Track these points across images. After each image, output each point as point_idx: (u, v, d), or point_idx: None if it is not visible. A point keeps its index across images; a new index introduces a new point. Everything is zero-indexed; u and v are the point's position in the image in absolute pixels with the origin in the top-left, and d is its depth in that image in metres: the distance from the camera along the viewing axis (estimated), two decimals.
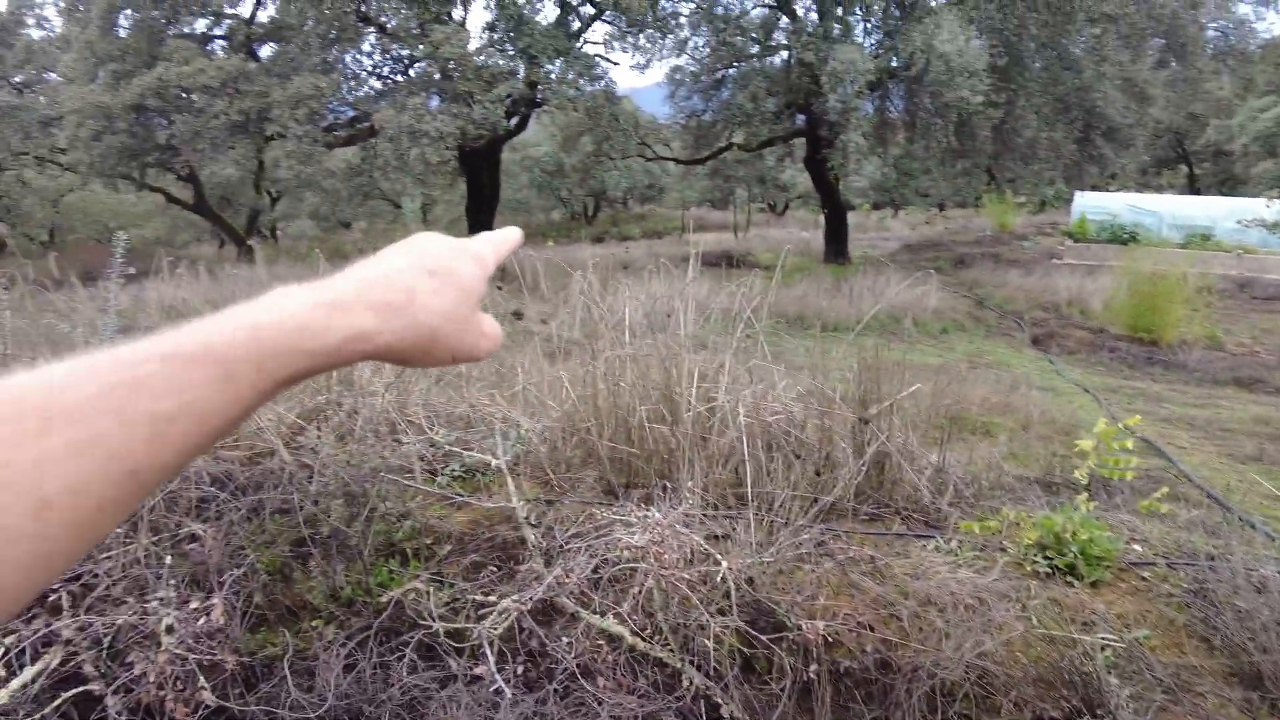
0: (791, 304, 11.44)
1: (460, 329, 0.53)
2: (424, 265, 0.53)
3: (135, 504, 0.39)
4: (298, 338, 0.44)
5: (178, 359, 0.40)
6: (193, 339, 0.41)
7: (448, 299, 0.52)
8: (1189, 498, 3.83)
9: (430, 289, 0.52)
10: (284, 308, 0.45)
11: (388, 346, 0.49)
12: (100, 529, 0.37)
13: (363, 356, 0.48)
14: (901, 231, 29.52)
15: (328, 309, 0.46)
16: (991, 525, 2.65)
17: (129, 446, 0.37)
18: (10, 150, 20.46)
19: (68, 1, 15.71)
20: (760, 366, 3.07)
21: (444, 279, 0.53)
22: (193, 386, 0.40)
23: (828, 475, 2.78)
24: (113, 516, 0.38)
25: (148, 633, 1.98)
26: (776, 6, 17.36)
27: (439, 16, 13.36)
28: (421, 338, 0.50)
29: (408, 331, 0.50)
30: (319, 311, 0.46)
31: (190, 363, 0.40)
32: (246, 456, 2.78)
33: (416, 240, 0.57)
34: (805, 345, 5.17)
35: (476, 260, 0.58)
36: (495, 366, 4.72)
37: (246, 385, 0.42)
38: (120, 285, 3.17)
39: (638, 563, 2.04)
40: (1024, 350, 10.32)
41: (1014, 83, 15.04)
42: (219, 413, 0.41)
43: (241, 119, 13.61)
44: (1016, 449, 4.84)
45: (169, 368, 0.39)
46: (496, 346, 0.58)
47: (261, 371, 0.42)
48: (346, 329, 0.46)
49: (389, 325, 0.48)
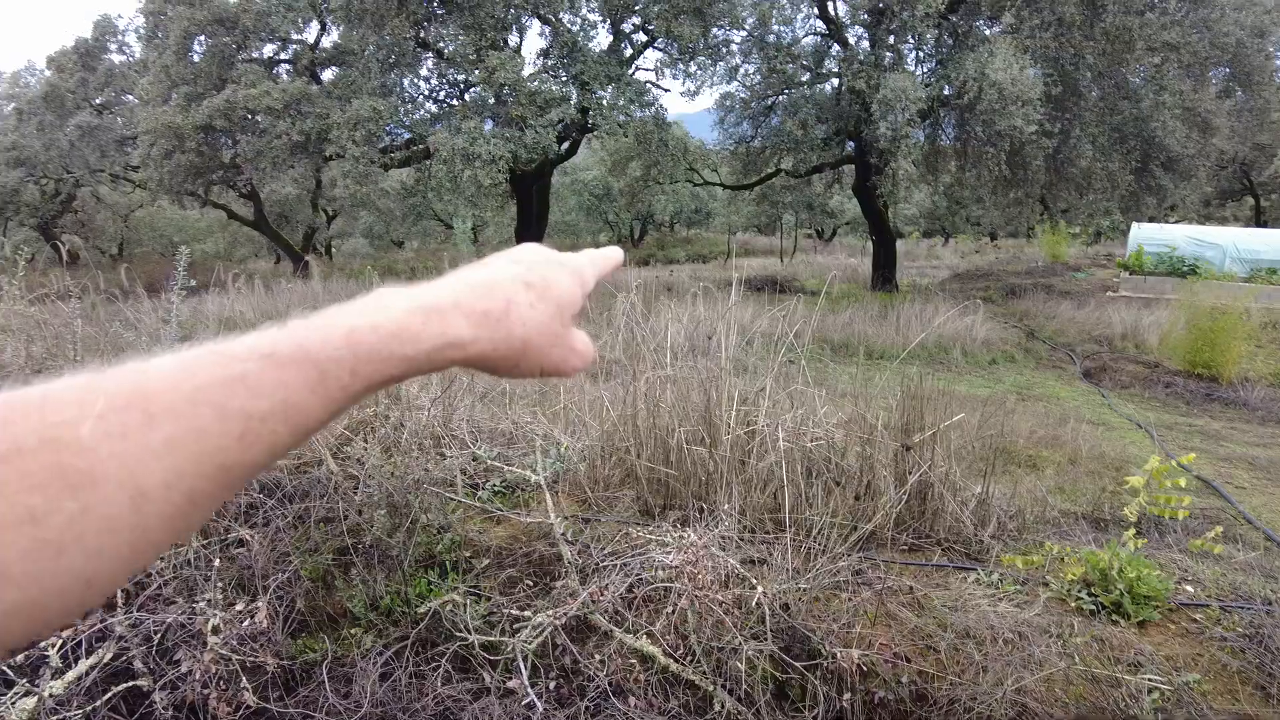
0: (837, 330, 11.35)
1: (551, 343, 0.53)
2: (523, 277, 0.52)
3: (223, 499, 0.40)
4: (392, 343, 0.44)
5: (275, 359, 0.40)
6: (290, 340, 0.42)
7: (543, 312, 0.52)
8: (1248, 540, 3.69)
9: (527, 301, 0.51)
10: (380, 312, 0.45)
11: (480, 355, 0.49)
12: (191, 522, 0.38)
13: (455, 364, 0.48)
14: (951, 260, 29.11)
15: (424, 315, 0.46)
16: (1034, 559, 2.59)
17: (223, 442, 0.38)
18: (88, 167, 21.46)
19: (148, 28, 16.46)
20: (802, 392, 3.06)
21: (541, 292, 0.52)
22: (287, 386, 0.40)
23: (868, 503, 2.75)
24: (203, 510, 0.38)
25: (195, 632, 2.04)
26: (828, 35, 17.39)
27: (495, 43, 13.68)
28: (513, 349, 0.50)
29: (501, 342, 0.49)
30: (415, 317, 0.46)
31: (287, 363, 0.41)
32: (295, 465, 2.86)
33: (519, 251, 0.57)
34: (849, 372, 5.12)
35: (575, 276, 0.57)
36: (538, 385, 4.78)
37: (338, 388, 0.42)
38: (182, 297, 3.31)
39: (672, 583, 2.04)
40: (1075, 383, 10.07)
41: (1069, 112, 14.80)
42: (310, 413, 0.41)
43: (302, 139, 14.07)
44: (1064, 483, 4.72)
45: (266, 367, 0.40)
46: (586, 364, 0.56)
47: (355, 375, 0.43)
48: (440, 336, 0.46)
49: (484, 334, 0.48)
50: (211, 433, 0.37)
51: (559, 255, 0.58)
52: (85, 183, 23.42)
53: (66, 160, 21.19)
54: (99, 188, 24.98)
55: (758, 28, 15.85)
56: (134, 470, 0.35)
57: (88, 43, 20.77)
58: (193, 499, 0.37)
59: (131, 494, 0.35)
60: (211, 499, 0.38)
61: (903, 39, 14.98)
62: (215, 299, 10.53)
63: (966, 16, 15.15)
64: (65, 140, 20.45)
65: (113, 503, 0.34)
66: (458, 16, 13.52)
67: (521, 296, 0.51)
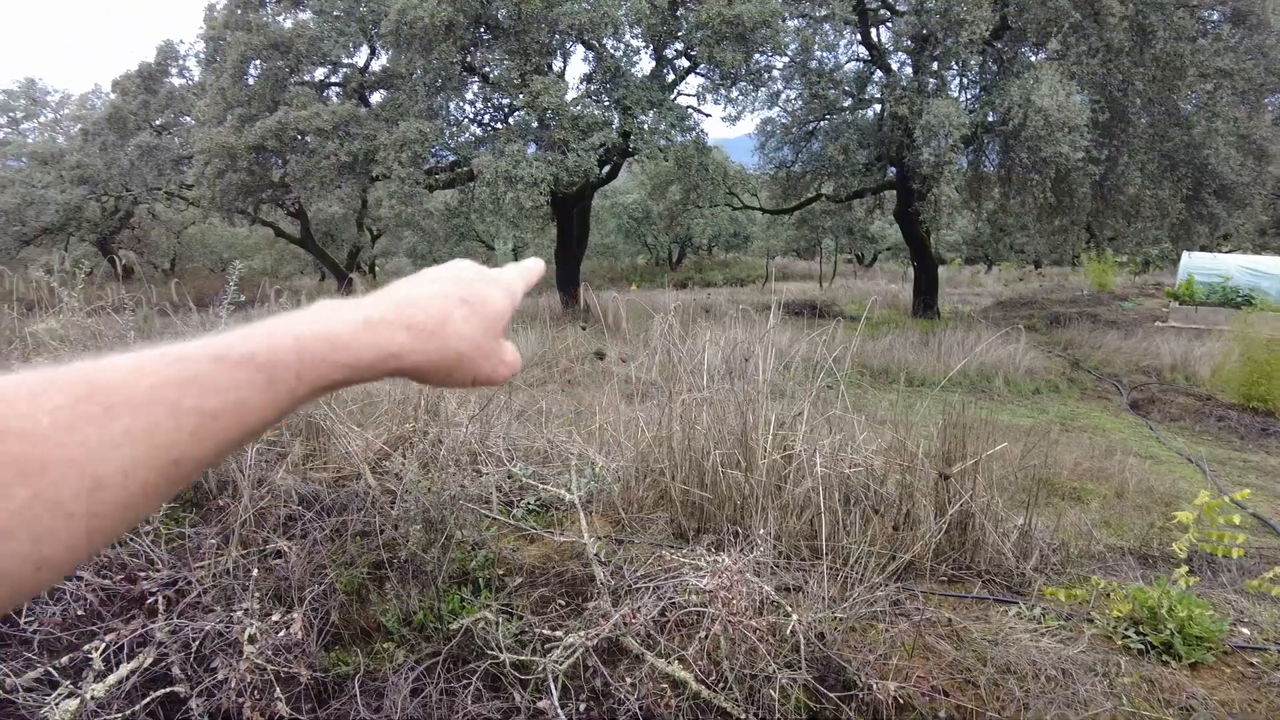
0: (876, 356, 11.22)
1: (484, 355, 0.56)
2: (459, 293, 0.56)
3: (173, 492, 0.42)
4: (337, 352, 0.47)
5: (227, 361, 0.43)
6: (241, 345, 0.45)
7: (477, 327, 0.55)
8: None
9: (462, 316, 0.55)
10: (326, 321, 0.48)
11: (416, 366, 0.51)
12: (140, 512, 0.40)
13: (393, 373, 0.51)
14: (994, 287, 28.67)
15: (367, 327, 0.49)
16: (1079, 594, 2.51)
17: (177, 437, 0.40)
18: (146, 186, 22.22)
19: (207, 52, 17.05)
20: (840, 417, 3.02)
21: (475, 307, 0.56)
22: (238, 387, 0.43)
23: (907, 532, 2.70)
24: (154, 501, 0.40)
25: (232, 641, 2.07)
26: (871, 61, 17.37)
27: (540, 68, 13.91)
28: (448, 360, 0.53)
29: (436, 353, 0.53)
30: (359, 329, 0.49)
31: (237, 365, 0.43)
32: (333, 479, 2.90)
33: (452, 267, 0.60)
34: (889, 398, 5.05)
35: (506, 291, 0.61)
36: (574, 404, 4.79)
37: (285, 390, 0.45)
38: (230, 312, 3.39)
39: (705, 608, 2.02)
40: (1121, 415, 9.81)
41: (1117, 138, 14.56)
42: (259, 413, 0.44)
43: (350, 160, 14.41)
44: (1109, 517, 4.58)
45: (219, 369, 0.43)
46: (513, 373, 0.60)
47: (300, 380, 0.46)
48: (382, 347, 0.49)
49: (421, 347, 0.52)
50: (166, 427, 0.40)
51: (490, 271, 0.62)
52: (143, 200, 24.25)
53: (126, 179, 21.98)
54: (155, 205, 25.86)
55: (800, 53, 15.89)
56: (92, 460, 0.37)
57: (150, 67, 21.58)
58: (146, 490, 0.39)
59: (88, 483, 0.37)
60: (162, 491, 0.41)
61: (946, 65, 14.89)
62: (261, 315, 10.77)
63: (1011, 43, 15.03)
64: (126, 159, 21.21)
65: (66, 490, 0.36)
66: (504, 42, 13.79)
67: (457, 311, 0.54)
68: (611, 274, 32.24)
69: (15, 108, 27.03)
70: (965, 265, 39.08)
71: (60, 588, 2.23)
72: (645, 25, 13.98)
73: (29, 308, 3.79)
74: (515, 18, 13.14)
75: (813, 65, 16.33)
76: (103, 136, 21.89)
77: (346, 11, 15.63)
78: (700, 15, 13.42)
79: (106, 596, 2.25)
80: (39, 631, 2.13)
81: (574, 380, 6.34)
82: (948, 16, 13.41)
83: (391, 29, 12.99)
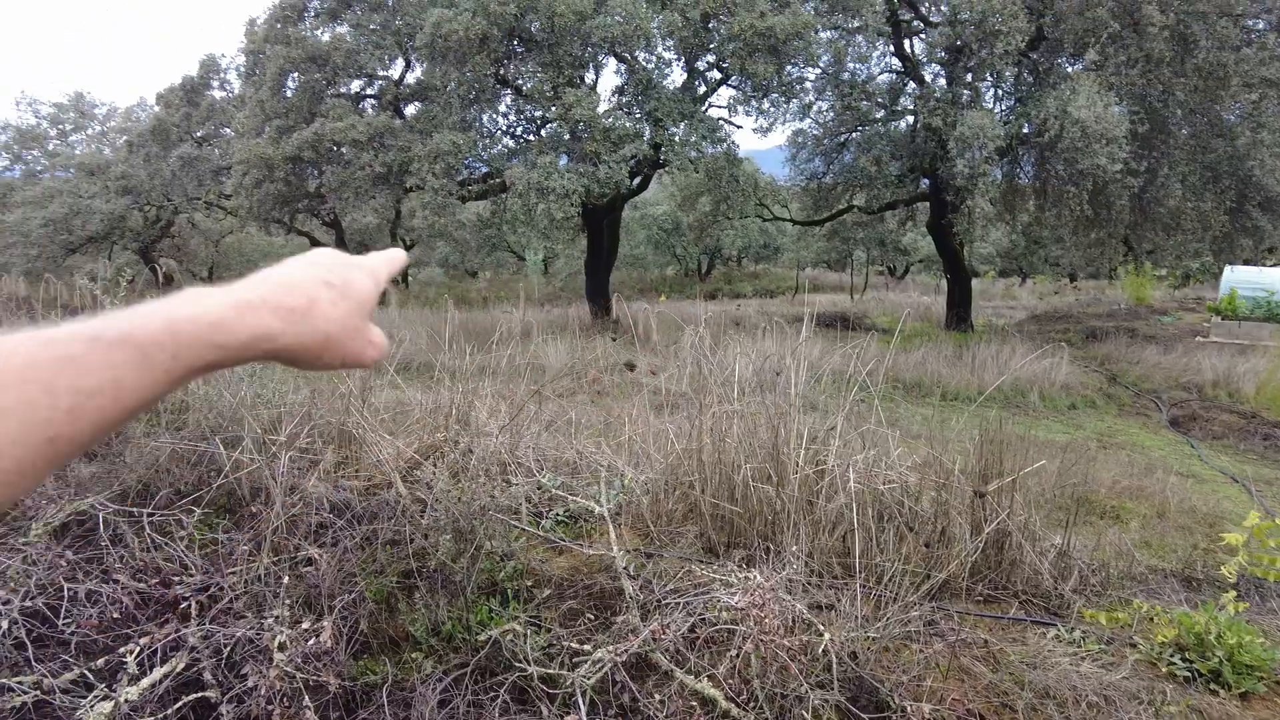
0: (909, 370, 11.09)
1: (351, 336, 0.58)
2: (323, 277, 0.57)
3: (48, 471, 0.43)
4: (210, 332, 0.48)
5: (101, 342, 0.44)
6: (116, 325, 0.45)
7: (344, 309, 0.57)
8: None
9: (329, 299, 0.56)
10: (196, 305, 0.49)
11: (287, 348, 0.53)
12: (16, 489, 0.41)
13: (265, 356, 0.53)
14: (1029, 301, 28.24)
15: (238, 309, 0.51)
16: (1120, 617, 2.44)
17: (52, 415, 0.41)
18: (186, 195, 22.76)
19: (247, 66, 17.44)
20: (874, 432, 2.98)
21: (342, 290, 0.58)
22: (114, 367, 0.44)
23: (941, 551, 2.65)
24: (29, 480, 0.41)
25: (262, 648, 2.08)
26: (904, 72, 17.26)
27: (572, 80, 14.01)
28: (317, 342, 0.55)
29: (306, 336, 0.54)
30: (230, 311, 0.50)
31: (112, 346, 0.44)
32: (365, 487, 2.91)
33: (316, 254, 0.62)
34: (923, 413, 4.98)
35: (371, 275, 0.63)
36: (604, 415, 4.79)
37: (161, 370, 0.46)
38: None
39: (736, 625, 1.99)
40: (1161, 432, 9.58)
41: (1157, 150, 14.29)
42: (135, 392, 0.45)
43: (384, 171, 14.61)
44: (1150, 537, 4.46)
45: (94, 349, 0.43)
46: (381, 355, 0.62)
47: (176, 359, 0.47)
48: (255, 328, 0.51)
49: (293, 329, 0.53)
50: (40, 405, 0.40)
51: (354, 257, 0.64)
52: (183, 210, 24.84)
53: (168, 189, 22.53)
54: (195, 214, 26.46)
55: (832, 65, 15.84)
56: None
57: (193, 80, 22.12)
58: (21, 467, 0.40)
59: None
60: (39, 470, 0.41)
61: (981, 76, 14.75)
62: None
63: (1048, 54, 14.85)
64: (168, 170, 21.75)
65: None
66: (537, 55, 13.92)
67: (324, 294, 0.56)
68: (641, 285, 32.30)
69: (65, 120, 27.84)
70: (999, 278, 38.57)
71: (97, 591, 2.26)
72: (677, 38, 14.03)
73: (74, 314, 3.86)
74: (548, 31, 13.26)
75: (845, 77, 16.27)
76: (146, 148, 22.47)
77: (383, 25, 15.89)
78: (733, 28, 13.44)
79: (142, 600, 2.27)
80: (76, 633, 2.16)
81: (603, 391, 6.34)
82: (982, 28, 13.29)
83: (426, 42, 13.18)
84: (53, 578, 2.29)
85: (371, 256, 0.67)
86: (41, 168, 26.78)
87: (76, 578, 2.29)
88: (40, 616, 2.19)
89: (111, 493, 2.72)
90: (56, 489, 2.78)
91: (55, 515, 2.63)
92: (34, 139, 27.06)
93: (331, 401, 3.34)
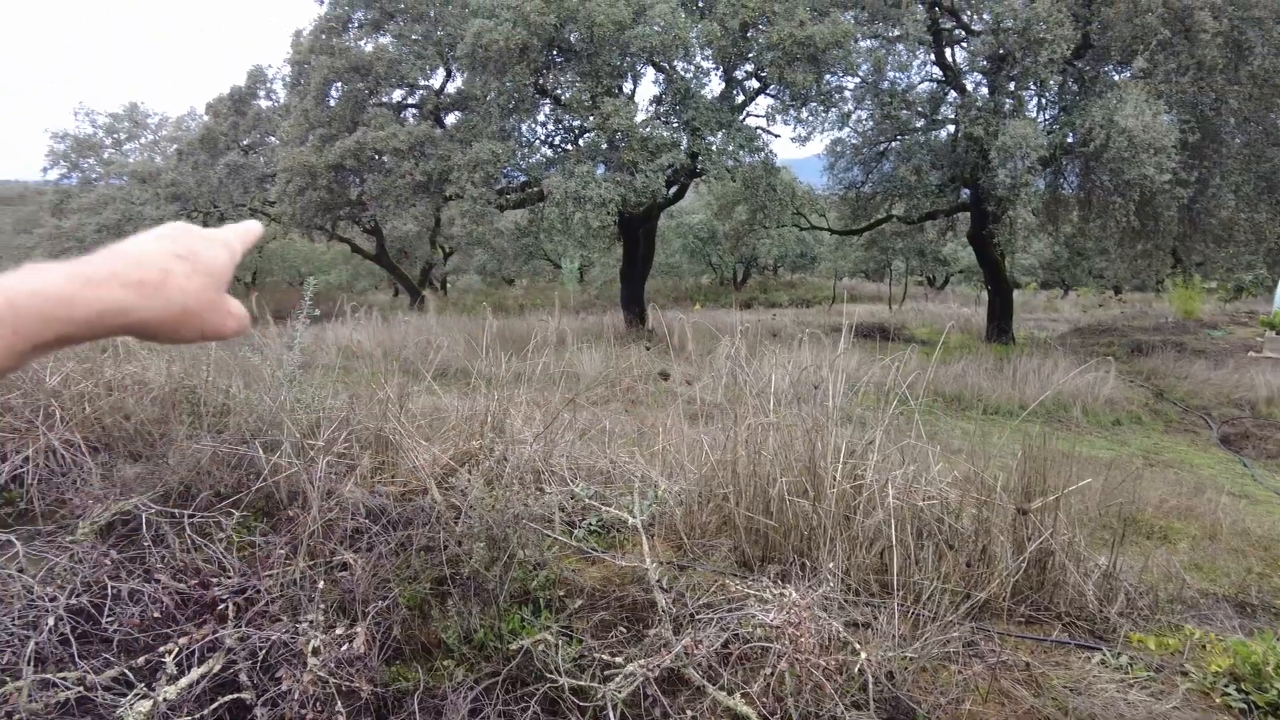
0: (949, 382, 10.91)
1: (208, 309, 0.57)
2: (174, 250, 0.57)
3: None
4: (54, 307, 0.48)
5: None
6: None
7: (199, 282, 0.57)
8: None
9: (183, 272, 0.56)
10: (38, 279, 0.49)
11: (142, 322, 0.53)
12: None
13: (119, 330, 0.52)
14: (1072, 313, 27.66)
15: (82, 283, 0.50)
16: (1171, 643, 2.35)
17: None
18: (232, 202, 23.33)
19: (293, 76, 17.84)
20: (914, 447, 2.92)
21: (194, 263, 0.57)
22: None
23: (982, 569, 2.58)
24: None
25: (296, 652, 2.09)
26: (945, 81, 17.06)
27: (610, 90, 14.08)
28: (173, 316, 0.54)
29: (161, 310, 0.53)
30: (73, 285, 0.49)
31: None
32: (400, 492, 2.93)
33: (169, 227, 0.60)
34: (963, 427, 4.89)
35: (225, 247, 0.62)
36: (637, 424, 4.77)
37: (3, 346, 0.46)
38: (306, 325, 3.48)
39: (771, 642, 1.95)
40: (1211, 450, 9.29)
41: (1208, 159, 13.91)
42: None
43: (424, 179, 14.82)
44: (1201, 560, 4.31)
45: None
46: (243, 327, 0.62)
47: (18, 334, 0.46)
48: (104, 303, 0.50)
49: (146, 303, 0.52)
50: None
51: (206, 230, 0.63)
52: (229, 216, 25.42)
53: (215, 195, 23.12)
54: (240, 221, 27.07)
55: (872, 74, 15.71)
56: None
57: (241, 90, 22.71)
58: None
59: None
60: None
61: (1024, 85, 14.51)
62: (336, 328, 11.11)
63: (1094, 62, 14.56)
64: (215, 178, 22.33)
65: None
66: (576, 65, 14.02)
67: (177, 268, 0.55)
68: (675, 293, 32.29)
69: (120, 130, 28.72)
70: (1041, 290, 37.89)
71: (139, 590, 2.30)
72: (716, 47, 14.03)
73: None
74: (588, 41, 13.35)
75: (885, 86, 16.12)
76: (195, 156, 23.10)
77: (424, 35, 16.15)
78: (772, 37, 13.40)
79: (181, 600, 2.31)
80: (118, 631, 2.19)
81: (637, 400, 6.33)
82: (1026, 36, 13.08)
83: (467, 52, 13.35)
84: (97, 575, 2.34)
85: (225, 229, 0.67)
86: (97, 175, 27.65)
87: (120, 576, 2.33)
88: (85, 614, 2.23)
89: (154, 493, 2.77)
90: (103, 488, 2.84)
91: (101, 515, 2.68)
92: (90, 148, 27.95)
93: (370, 407, 3.37)
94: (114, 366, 3.55)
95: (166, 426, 3.28)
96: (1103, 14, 13.35)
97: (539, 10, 12.54)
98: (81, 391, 3.26)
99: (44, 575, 2.34)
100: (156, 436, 3.24)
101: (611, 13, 12.64)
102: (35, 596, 2.24)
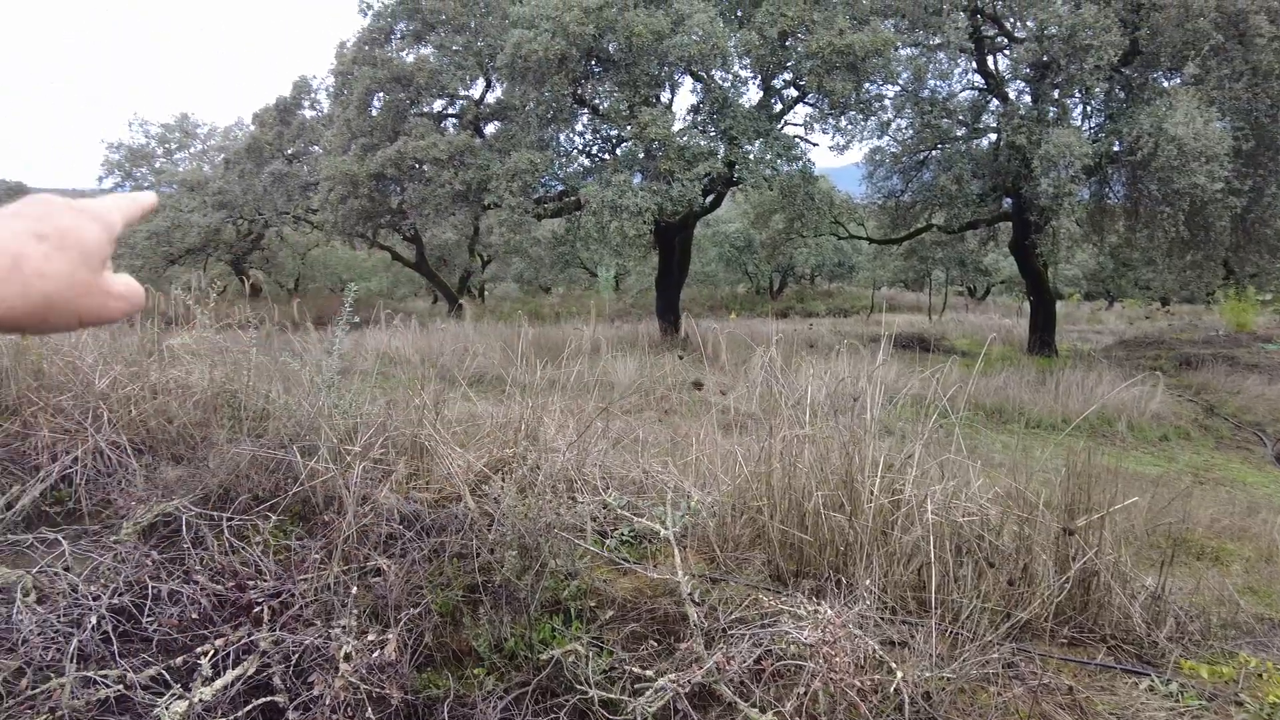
0: (990, 395, 10.71)
1: (82, 293, 0.51)
2: (31, 229, 0.50)
3: None
4: None
5: None
6: None
7: (64, 262, 0.50)
8: None
9: (41, 254, 0.49)
10: None
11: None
12: None
13: None
14: (1117, 325, 27.02)
15: None
16: (1225, 671, 2.26)
17: None
18: (275, 210, 23.87)
19: (336, 86, 18.20)
20: (953, 461, 2.86)
21: (58, 242, 0.50)
22: None
23: (1024, 589, 2.51)
24: None
25: (329, 656, 2.11)
26: (987, 89, 16.82)
27: (648, 99, 14.13)
28: (35, 305, 0.48)
29: (18, 299, 0.47)
30: None
31: None
32: (434, 499, 2.95)
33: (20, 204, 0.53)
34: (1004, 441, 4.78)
35: (98, 221, 0.54)
36: (671, 434, 4.75)
37: None
38: (346, 331, 3.53)
39: (804, 660, 1.92)
40: (1265, 468, 8.98)
41: (1264, 167, 13.50)
42: None
43: (464, 188, 14.99)
44: (1256, 583, 4.15)
45: None
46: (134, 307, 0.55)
47: None
48: None
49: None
50: None
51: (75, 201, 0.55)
52: (273, 224, 26.03)
53: (260, 204, 23.66)
54: (283, 228, 27.68)
55: (912, 82, 15.55)
56: None
57: (286, 100, 23.23)
58: None
59: None
60: None
61: (1068, 93, 14.24)
62: (375, 334, 11.28)
63: (1142, 69, 14.24)
64: (260, 186, 22.86)
65: None
66: (614, 74, 14.09)
67: (33, 249, 0.48)
68: (711, 302, 32.20)
69: (171, 140, 29.56)
70: (1085, 301, 37.07)
71: (178, 590, 2.34)
72: (754, 56, 14.00)
73: (169, 322, 4.07)
74: (626, 51, 13.41)
75: (925, 94, 15.95)
76: (241, 165, 23.67)
77: (465, 46, 16.36)
78: (810, 45, 13.34)
79: (219, 602, 2.34)
80: (158, 631, 2.23)
81: (671, 409, 6.30)
82: (1071, 43, 12.84)
83: (507, 62, 13.49)
84: (139, 575, 2.38)
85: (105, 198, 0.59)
86: (149, 184, 28.46)
87: (160, 577, 2.37)
88: (126, 613, 2.27)
89: (194, 496, 2.82)
90: (146, 490, 2.90)
91: (144, 516, 2.74)
92: (143, 157, 28.79)
93: (406, 413, 3.40)
94: (159, 370, 3.63)
95: (207, 430, 3.35)
96: (1152, 19, 13.06)
97: (578, 21, 12.64)
98: (128, 394, 3.34)
99: (88, 574, 2.39)
100: (198, 439, 3.30)
101: (650, 23, 12.68)
102: (79, 595, 2.29)
